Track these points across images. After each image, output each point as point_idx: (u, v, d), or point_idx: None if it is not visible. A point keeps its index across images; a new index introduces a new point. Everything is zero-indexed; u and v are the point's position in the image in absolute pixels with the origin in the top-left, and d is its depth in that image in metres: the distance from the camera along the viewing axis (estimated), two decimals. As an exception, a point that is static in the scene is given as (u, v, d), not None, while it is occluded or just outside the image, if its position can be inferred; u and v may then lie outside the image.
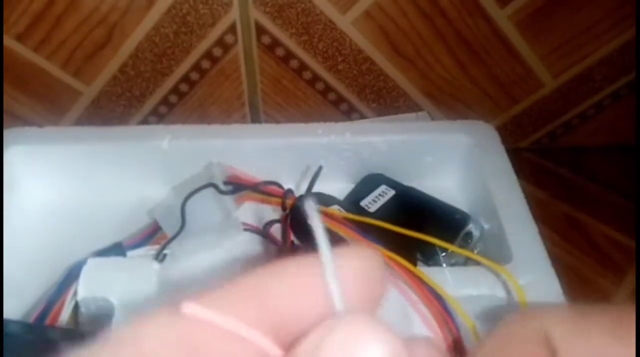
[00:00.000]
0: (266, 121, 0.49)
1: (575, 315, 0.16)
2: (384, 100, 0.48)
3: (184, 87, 0.46)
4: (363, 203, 0.39)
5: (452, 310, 0.29)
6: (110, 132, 0.40)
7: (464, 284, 0.31)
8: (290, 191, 0.37)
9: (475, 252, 0.37)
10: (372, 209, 0.38)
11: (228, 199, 0.37)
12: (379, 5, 0.42)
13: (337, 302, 0.13)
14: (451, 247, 0.34)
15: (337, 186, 0.41)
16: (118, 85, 0.46)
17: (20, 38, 0.42)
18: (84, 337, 0.29)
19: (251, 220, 0.39)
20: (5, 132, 0.39)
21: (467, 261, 0.35)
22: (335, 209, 0.37)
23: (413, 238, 0.32)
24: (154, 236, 0.36)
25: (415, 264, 0.32)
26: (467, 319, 0.28)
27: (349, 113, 0.49)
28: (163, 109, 0.48)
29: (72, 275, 0.31)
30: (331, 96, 0.48)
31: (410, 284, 0.30)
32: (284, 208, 0.37)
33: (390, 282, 0.30)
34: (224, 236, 0.38)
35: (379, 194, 0.39)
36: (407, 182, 0.40)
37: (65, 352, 0.12)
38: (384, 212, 0.38)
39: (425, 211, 0.38)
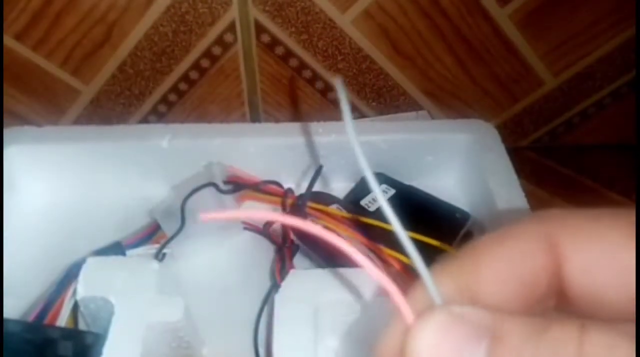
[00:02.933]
0: (266, 120, 0.49)
1: (586, 218, 0.15)
2: (384, 99, 0.48)
3: (183, 86, 0.46)
4: (363, 202, 0.39)
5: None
6: (110, 131, 0.40)
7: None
8: (290, 190, 0.37)
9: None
10: (372, 208, 0.38)
11: (228, 199, 0.37)
12: (378, 4, 0.42)
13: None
14: (448, 248, 0.34)
15: (337, 185, 0.41)
16: (117, 84, 0.46)
17: (18, 37, 0.42)
18: (84, 336, 0.28)
19: (251, 219, 0.38)
20: (5, 132, 0.39)
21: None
22: (335, 208, 0.37)
23: (413, 237, 0.31)
24: (154, 235, 0.36)
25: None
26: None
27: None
28: (162, 108, 0.48)
29: (71, 274, 0.30)
30: (331, 95, 0.48)
31: (410, 282, 0.30)
32: (284, 207, 0.37)
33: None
34: (224, 235, 0.38)
35: (379, 193, 0.39)
36: (407, 181, 0.40)
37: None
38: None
39: (426, 210, 0.38)
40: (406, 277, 0.30)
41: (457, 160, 0.41)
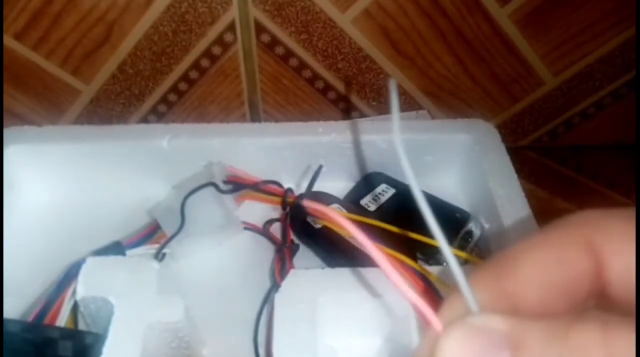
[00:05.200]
0: (266, 120, 0.49)
1: (625, 219, 0.15)
2: (384, 98, 0.48)
3: (183, 86, 0.46)
4: (363, 202, 0.39)
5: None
6: (110, 131, 0.40)
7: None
8: (290, 189, 0.37)
9: (475, 250, 0.37)
10: (372, 207, 0.38)
11: (228, 198, 0.37)
12: (378, 3, 0.42)
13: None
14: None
15: (337, 185, 0.41)
16: (117, 84, 0.46)
17: (18, 36, 0.42)
18: (84, 336, 0.28)
19: (251, 219, 0.38)
20: (5, 132, 0.39)
21: (468, 260, 0.35)
22: (335, 208, 0.37)
23: (413, 237, 0.31)
24: (154, 235, 0.36)
25: (416, 262, 0.32)
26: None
27: (348, 111, 0.49)
28: (162, 108, 0.48)
29: (71, 274, 0.30)
30: (331, 95, 0.48)
31: (412, 283, 0.30)
32: (284, 207, 0.37)
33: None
34: (224, 234, 0.38)
35: (379, 193, 0.39)
36: (407, 181, 0.40)
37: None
38: (384, 211, 0.38)
39: (426, 210, 0.38)
40: (408, 277, 0.30)
41: (457, 160, 0.41)
